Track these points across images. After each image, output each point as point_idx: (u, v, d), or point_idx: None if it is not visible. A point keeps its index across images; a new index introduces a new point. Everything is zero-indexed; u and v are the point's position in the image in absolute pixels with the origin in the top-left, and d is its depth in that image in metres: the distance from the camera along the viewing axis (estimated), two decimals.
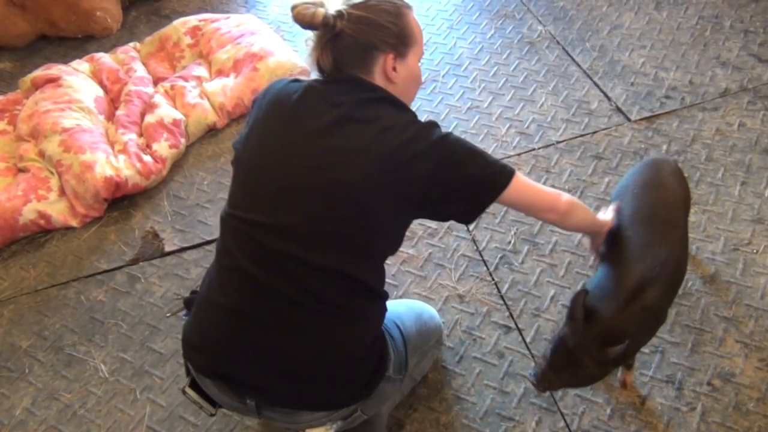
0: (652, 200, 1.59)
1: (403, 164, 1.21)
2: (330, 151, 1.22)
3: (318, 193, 1.22)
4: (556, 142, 2.38)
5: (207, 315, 1.31)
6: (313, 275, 1.22)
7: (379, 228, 1.26)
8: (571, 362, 1.41)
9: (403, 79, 1.34)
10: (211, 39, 2.82)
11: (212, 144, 2.58)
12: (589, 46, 2.77)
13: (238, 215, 1.27)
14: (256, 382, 1.28)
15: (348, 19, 1.26)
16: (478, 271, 2.02)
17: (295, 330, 1.25)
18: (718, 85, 2.52)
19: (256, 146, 1.30)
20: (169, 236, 2.24)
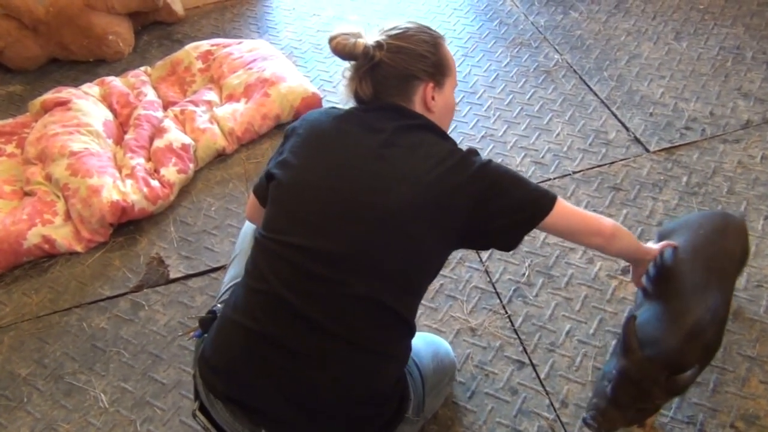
0: (716, 248, 1.57)
1: (447, 192, 1.22)
2: (374, 176, 1.22)
3: (360, 218, 1.21)
4: (572, 172, 2.33)
5: (230, 337, 1.26)
6: (348, 303, 1.19)
7: (418, 257, 1.24)
8: (638, 395, 1.36)
9: (440, 108, 1.36)
10: (222, 64, 2.81)
11: (221, 169, 2.55)
12: (607, 75, 2.73)
13: (275, 237, 1.24)
14: (275, 412, 1.22)
15: (387, 50, 1.29)
16: (491, 303, 1.95)
17: (323, 360, 1.20)
18: (740, 116, 2.47)
19: (297, 170, 1.28)
20: (174, 263, 2.20)
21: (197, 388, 1.32)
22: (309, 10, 3.44)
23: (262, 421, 1.23)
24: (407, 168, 1.22)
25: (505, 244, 1.32)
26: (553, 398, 1.72)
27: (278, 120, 2.65)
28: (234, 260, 1.55)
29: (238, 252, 1.56)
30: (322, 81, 2.91)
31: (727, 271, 1.57)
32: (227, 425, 1.28)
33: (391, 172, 1.22)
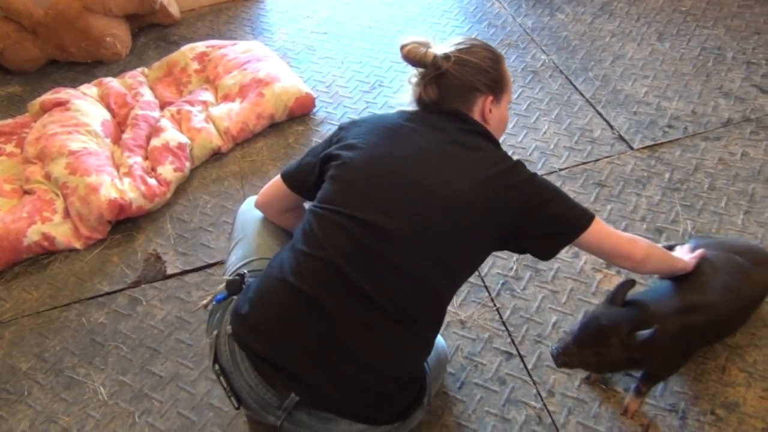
0: (745, 270, 1.69)
1: (500, 193, 1.30)
2: (436, 167, 1.31)
3: (421, 203, 1.28)
4: (558, 169, 2.39)
5: (277, 296, 1.29)
6: (400, 281, 1.26)
7: (467, 249, 1.32)
8: (599, 340, 1.48)
9: (495, 121, 1.45)
10: (218, 65, 2.86)
11: (216, 168, 2.60)
12: (592, 75, 2.80)
13: (336, 209, 1.30)
14: (309, 377, 1.26)
15: (454, 61, 1.39)
16: (479, 296, 2.01)
17: (367, 332, 1.25)
18: (721, 115, 2.53)
19: (365, 152, 1.35)
20: (171, 259, 2.25)
21: (218, 350, 1.35)
22: (302, 12, 3.49)
23: (294, 385, 1.26)
24: (467, 164, 1.31)
25: (542, 253, 1.40)
26: (540, 388, 1.77)
27: (272, 119, 2.70)
28: (239, 243, 1.58)
29: (241, 237, 1.60)
30: (315, 81, 2.97)
31: (747, 295, 1.68)
32: (247, 389, 1.31)
33: (453, 166, 1.31)
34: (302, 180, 1.47)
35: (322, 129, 2.72)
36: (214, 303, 1.43)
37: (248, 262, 1.50)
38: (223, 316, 1.37)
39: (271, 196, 1.55)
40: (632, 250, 1.44)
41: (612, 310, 1.52)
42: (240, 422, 1.75)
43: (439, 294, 1.31)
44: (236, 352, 1.31)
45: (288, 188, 1.50)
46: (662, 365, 1.59)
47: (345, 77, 2.98)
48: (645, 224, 2.15)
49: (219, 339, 1.36)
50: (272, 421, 1.31)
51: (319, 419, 1.29)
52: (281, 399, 1.28)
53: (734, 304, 1.64)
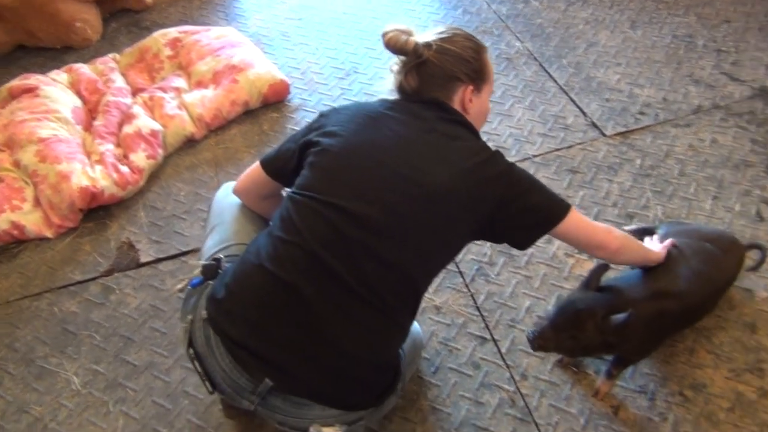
0: (716, 258, 1.72)
1: (479, 183, 1.31)
2: (416, 155, 1.31)
3: (400, 191, 1.28)
4: (532, 156, 2.41)
5: (253, 282, 1.29)
6: (378, 269, 1.26)
7: (445, 238, 1.33)
8: (574, 324, 1.51)
9: (475, 111, 1.46)
10: (191, 51, 2.83)
11: (190, 155, 2.58)
12: (566, 62, 2.82)
13: (314, 196, 1.30)
14: (284, 363, 1.26)
15: (435, 50, 1.39)
16: (454, 282, 2.03)
17: (344, 318, 1.26)
18: (691, 102, 2.57)
19: (345, 139, 1.35)
20: (144, 247, 2.23)
21: (193, 335, 1.35)
22: None
23: (268, 371, 1.27)
24: (446, 154, 1.32)
25: (519, 243, 1.42)
26: (513, 371, 1.79)
27: (246, 106, 2.69)
28: (215, 229, 1.58)
29: (217, 223, 1.59)
30: (289, 68, 2.95)
31: (717, 282, 1.73)
32: (222, 374, 1.31)
33: (432, 155, 1.32)
34: (281, 166, 1.46)
35: (297, 116, 2.70)
36: (189, 287, 1.43)
37: (225, 248, 1.50)
38: (199, 301, 1.37)
39: (250, 182, 1.55)
40: (607, 241, 1.46)
41: (587, 294, 1.54)
42: (215, 409, 1.75)
43: (417, 282, 1.32)
44: (211, 337, 1.31)
45: (267, 174, 1.49)
46: (635, 349, 1.63)
47: (320, 64, 2.97)
48: (617, 210, 2.18)
49: (194, 324, 1.35)
50: (246, 405, 1.32)
51: (293, 404, 1.30)
52: (255, 384, 1.28)
53: (705, 291, 1.68)
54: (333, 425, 1.32)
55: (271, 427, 1.68)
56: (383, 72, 2.83)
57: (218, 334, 1.30)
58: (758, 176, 2.25)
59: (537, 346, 1.56)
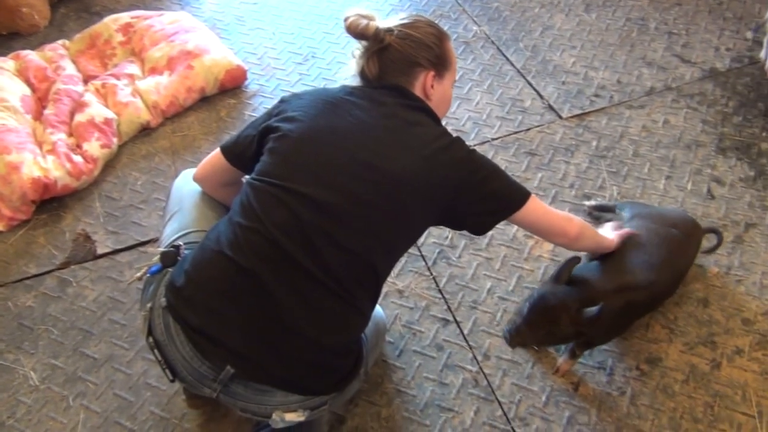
0: (681, 244, 1.77)
1: (439, 169, 1.31)
2: (377, 142, 1.31)
3: (360, 177, 1.28)
4: (491, 139, 2.43)
5: (213, 269, 1.28)
6: (337, 254, 1.26)
7: (405, 224, 1.33)
8: (549, 319, 1.54)
9: (438, 98, 1.46)
10: (143, 36, 2.77)
11: (146, 143, 2.53)
12: (523, 46, 2.84)
13: (274, 182, 1.29)
14: (245, 350, 1.26)
15: (396, 35, 1.40)
16: (416, 266, 2.04)
17: (305, 304, 1.26)
18: (644, 84, 2.62)
19: (305, 125, 1.34)
20: (101, 238, 2.18)
21: (152, 323, 1.33)
22: None
23: (229, 358, 1.26)
24: (406, 140, 1.32)
25: (477, 229, 1.43)
26: (476, 352, 1.82)
27: (203, 93, 2.64)
28: (174, 216, 1.56)
29: (176, 210, 1.57)
30: (246, 53, 2.91)
31: (681, 267, 1.78)
32: (182, 362, 1.30)
33: (392, 141, 1.32)
34: (241, 152, 1.45)
35: (255, 102, 2.67)
36: (148, 275, 1.41)
37: (184, 234, 1.49)
38: (158, 289, 1.36)
39: (210, 169, 1.53)
40: (567, 228, 1.49)
41: (558, 288, 1.56)
42: (179, 400, 1.74)
43: (377, 268, 1.32)
44: (171, 325, 1.30)
45: (227, 161, 1.48)
46: (604, 336, 1.68)
47: (277, 49, 2.94)
48: (574, 191, 2.22)
49: (153, 311, 1.34)
50: (208, 393, 1.31)
51: (255, 391, 1.30)
52: (216, 372, 1.27)
53: (672, 278, 1.73)
54: (296, 411, 1.32)
55: (236, 416, 1.68)
56: (342, 57, 2.82)
57: (178, 321, 1.29)
58: (709, 155, 2.31)
59: (515, 344, 1.58)
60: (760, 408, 1.66)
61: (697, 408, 1.67)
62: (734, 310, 1.87)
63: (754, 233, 2.06)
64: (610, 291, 1.58)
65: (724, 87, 2.58)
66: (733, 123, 2.43)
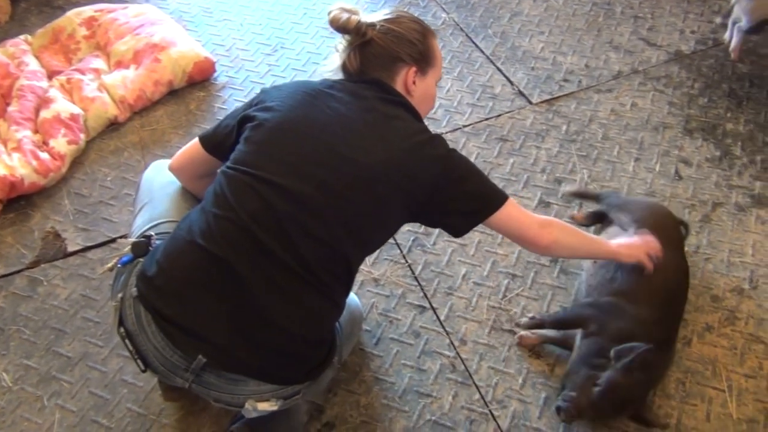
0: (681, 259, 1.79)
1: (416, 164, 1.31)
2: (353, 134, 1.31)
3: (335, 168, 1.28)
4: (462, 126, 2.44)
5: (184, 258, 1.28)
6: (309, 244, 1.25)
7: (380, 218, 1.33)
8: (619, 409, 1.54)
9: (419, 94, 1.46)
10: (108, 30, 2.72)
11: (114, 139, 2.49)
12: (492, 32, 2.85)
13: (248, 170, 1.29)
14: (217, 338, 1.25)
15: (378, 29, 1.39)
16: (392, 254, 2.05)
17: (277, 293, 1.26)
18: (612, 68, 2.65)
19: (282, 114, 1.34)
20: (71, 236, 2.15)
21: (123, 313, 1.32)
22: None
23: (202, 348, 1.26)
24: (384, 134, 1.32)
25: (453, 230, 1.41)
26: (452, 337, 1.84)
27: (171, 86, 2.61)
28: (145, 207, 1.55)
29: (147, 201, 1.56)
30: (214, 45, 2.88)
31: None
32: (154, 352, 1.30)
33: (370, 134, 1.32)
34: (220, 142, 1.44)
35: (224, 94, 2.65)
36: (119, 266, 1.40)
37: (155, 225, 1.48)
38: (129, 279, 1.35)
39: (187, 159, 1.52)
40: (538, 237, 1.43)
41: (632, 378, 1.50)
42: (156, 396, 1.72)
43: (349, 260, 1.32)
44: (142, 315, 1.29)
45: (205, 151, 1.47)
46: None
47: (245, 40, 2.91)
48: (545, 176, 2.24)
49: (124, 302, 1.33)
50: (180, 383, 1.31)
51: (227, 380, 1.30)
52: (188, 361, 1.27)
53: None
54: (268, 400, 1.32)
55: (214, 410, 1.68)
56: (311, 47, 2.81)
57: (149, 311, 1.28)
58: (676, 137, 2.35)
59: (571, 421, 1.55)
60: (730, 382, 1.70)
61: (670, 384, 1.70)
62: (703, 288, 1.90)
63: (721, 212, 2.10)
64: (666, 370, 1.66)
65: (690, 69, 2.62)
66: (699, 104, 2.47)
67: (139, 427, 1.68)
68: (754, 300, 1.87)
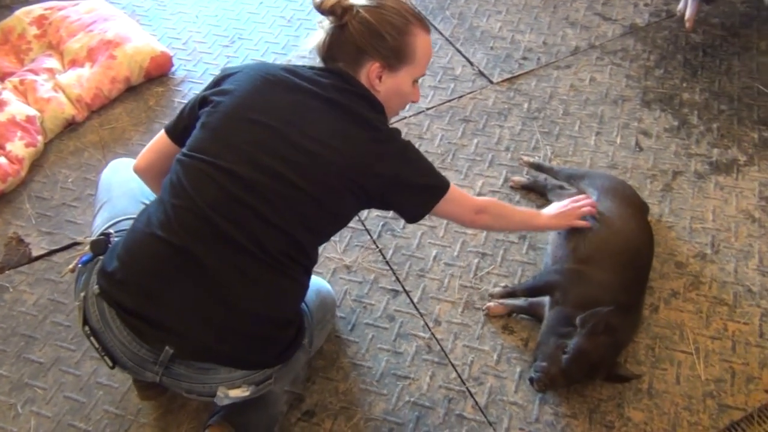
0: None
1: (372, 157, 1.33)
2: (310, 124, 1.31)
3: (289, 159, 1.28)
4: (426, 108, 2.45)
5: (144, 249, 1.28)
6: (265, 229, 1.27)
7: (333, 207, 1.34)
8: (590, 373, 1.60)
9: (387, 90, 1.41)
10: (59, 28, 2.66)
11: (73, 139, 2.44)
12: (449, 14, 2.86)
13: (204, 158, 1.29)
14: (182, 328, 1.26)
15: (356, 17, 1.35)
16: (362, 240, 2.05)
17: (239, 277, 1.26)
18: (569, 44, 2.68)
19: (239, 100, 1.33)
20: (35, 240, 2.11)
21: (87, 311, 1.32)
22: None
23: (169, 339, 1.26)
24: (340, 125, 1.32)
25: (407, 217, 1.47)
26: (426, 319, 1.86)
27: (128, 83, 2.57)
28: (104, 206, 1.54)
29: (105, 200, 1.55)
30: (169, 39, 2.83)
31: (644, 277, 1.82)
32: (121, 347, 1.29)
33: (327, 124, 1.32)
34: (185, 127, 1.42)
35: (183, 88, 2.61)
36: (80, 265, 1.39)
37: (115, 223, 1.47)
38: (90, 277, 1.34)
39: (154, 155, 1.50)
40: (472, 222, 1.57)
41: (598, 342, 1.55)
42: (132, 395, 1.71)
43: (304, 245, 1.33)
44: (105, 311, 1.29)
45: (172, 141, 1.46)
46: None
47: (201, 32, 2.87)
48: (509, 154, 2.26)
49: (87, 300, 1.33)
50: (150, 377, 1.31)
51: (197, 370, 1.30)
52: (156, 354, 1.27)
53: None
54: (240, 386, 1.33)
55: (192, 407, 1.68)
56: (268, 37, 2.79)
57: (112, 305, 1.28)
58: (635, 109, 2.39)
59: (545, 390, 1.58)
60: (697, 344, 1.75)
61: (640, 351, 1.75)
62: (667, 255, 1.95)
63: (681, 180, 2.15)
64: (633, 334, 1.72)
65: (645, 42, 2.66)
66: (655, 76, 2.51)
67: (117, 428, 1.67)
68: (717, 264, 1.92)
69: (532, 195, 2.13)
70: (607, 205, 1.83)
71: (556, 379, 1.54)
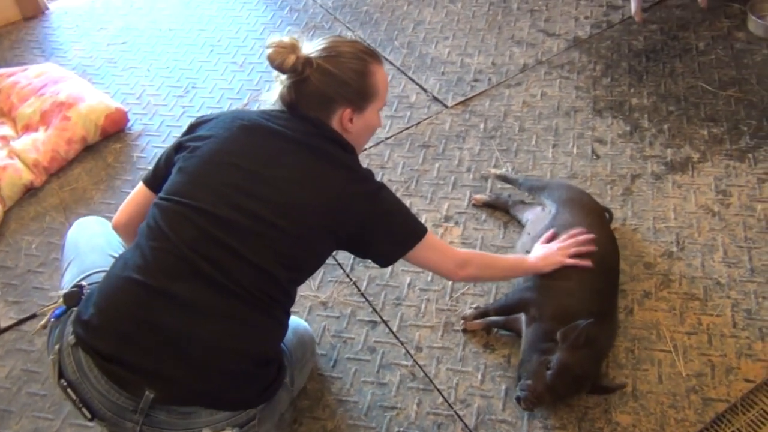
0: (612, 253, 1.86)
1: (346, 200, 1.36)
2: (287, 166, 1.34)
3: (266, 200, 1.31)
4: (385, 138, 2.48)
5: (119, 294, 1.27)
6: (245, 269, 1.28)
7: (309, 247, 1.36)
8: (575, 388, 1.60)
9: (358, 129, 1.47)
10: (10, 95, 2.64)
11: (33, 204, 2.41)
12: (398, 44, 2.91)
13: (180, 200, 1.30)
14: (162, 369, 1.24)
15: (316, 69, 1.38)
16: (335, 275, 2.05)
17: (218, 314, 1.26)
18: (518, 62, 2.75)
19: (216, 145, 1.36)
20: (2, 311, 2.07)
21: (62, 364, 1.29)
22: (94, 25, 3.28)
23: (149, 383, 1.23)
24: (315, 169, 1.36)
25: (381, 260, 1.48)
26: (407, 346, 1.85)
27: (85, 142, 2.55)
28: (72, 263, 1.53)
29: (73, 257, 1.54)
30: (123, 95, 2.83)
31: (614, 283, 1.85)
32: (99, 398, 1.26)
33: (302, 169, 1.35)
34: (163, 176, 1.42)
35: (141, 142, 2.60)
36: (52, 319, 1.37)
37: (87, 276, 1.46)
38: (64, 330, 1.32)
39: (134, 208, 1.50)
40: (453, 275, 1.58)
41: (580, 355, 1.56)
42: None
43: (282, 284, 1.34)
44: (82, 361, 1.26)
45: (152, 191, 1.47)
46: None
47: (155, 85, 2.87)
48: (471, 174, 2.30)
49: (62, 352, 1.30)
50: (131, 427, 1.27)
51: (179, 415, 1.27)
52: (136, 401, 1.24)
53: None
54: (224, 429, 1.30)
55: None
56: (222, 83, 2.80)
57: (89, 353, 1.25)
58: (587, 119, 2.45)
59: (533, 408, 1.58)
60: (674, 342, 1.78)
61: (620, 354, 1.77)
62: (636, 257, 1.99)
63: (640, 183, 2.20)
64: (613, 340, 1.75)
65: (589, 53, 2.74)
66: (603, 85, 2.59)
67: None
68: (684, 260, 1.97)
69: (498, 213, 2.16)
70: (567, 217, 1.86)
71: (542, 396, 1.54)
